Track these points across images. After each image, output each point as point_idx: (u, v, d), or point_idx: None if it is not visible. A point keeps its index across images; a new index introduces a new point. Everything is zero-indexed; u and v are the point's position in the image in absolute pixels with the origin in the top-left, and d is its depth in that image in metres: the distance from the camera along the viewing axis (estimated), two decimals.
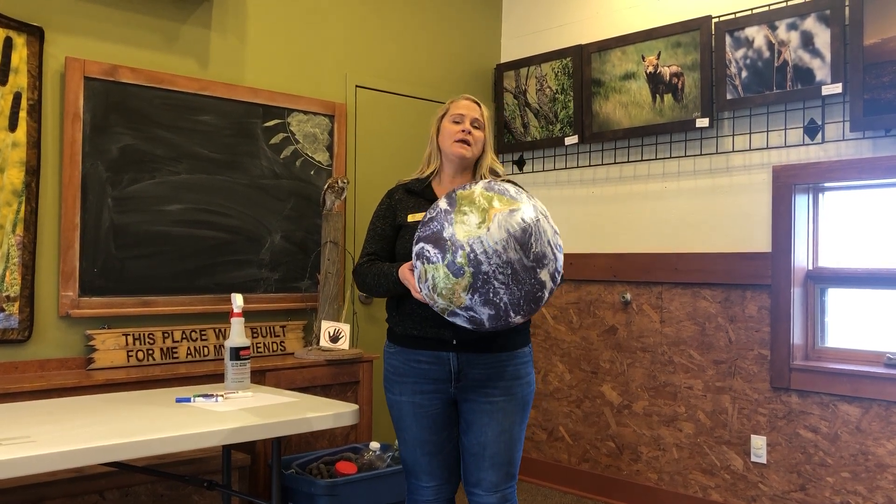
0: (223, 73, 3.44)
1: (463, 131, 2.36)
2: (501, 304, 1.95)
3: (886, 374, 3.11)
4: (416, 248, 2.04)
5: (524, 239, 1.93)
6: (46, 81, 2.94)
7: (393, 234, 2.39)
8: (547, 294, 2.01)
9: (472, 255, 1.91)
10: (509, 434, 2.27)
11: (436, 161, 2.44)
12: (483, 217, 1.94)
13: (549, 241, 1.99)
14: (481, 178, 2.34)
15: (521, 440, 2.32)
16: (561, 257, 2.04)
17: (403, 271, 2.18)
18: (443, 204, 2.03)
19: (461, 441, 2.34)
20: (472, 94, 4.40)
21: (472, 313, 1.97)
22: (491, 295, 1.93)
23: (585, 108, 4.06)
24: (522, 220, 1.95)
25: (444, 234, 1.96)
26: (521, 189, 2.09)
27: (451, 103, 2.47)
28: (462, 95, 2.50)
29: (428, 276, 1.98)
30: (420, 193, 2.40)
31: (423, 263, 2.00)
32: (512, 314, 1.97)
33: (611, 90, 3.96)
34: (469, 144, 2.37)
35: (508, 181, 2.18)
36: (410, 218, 2.33)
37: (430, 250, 1.97)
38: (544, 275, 1.98)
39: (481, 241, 1.91)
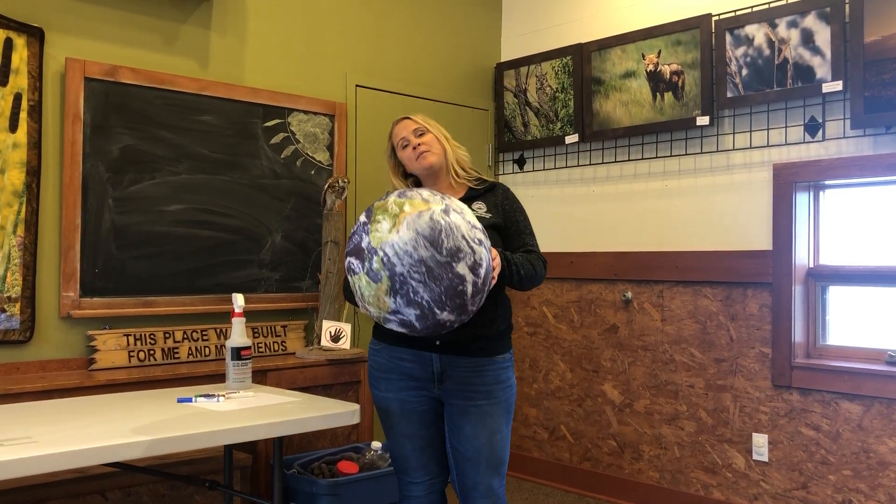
0: (223, 73, 3.44)
1: (414, 148, 2.43)
2: (424, 303, 1.98)
3: (888, 371, 3.11)
4: (344, 264, 2.10)
5: (433, 236, 1.96)
6: (47, 82, 2.94)
7: None
8: (470, 287, 2.02)
9: (385, 258, 1.96)
10: (499, 436, 2.33)
11: (408, 182, 2.51)
12: (394, 222, 2.00)
13: (463, 236, 2.00)
14: (452, 171, 2.44)
15: (508, 440, 2.39)
16: (481, 250, 2.04)
17: None
18: (362, 217, 2.09)
19: (450, 444, 2.37)
20: (473, 93, 4.45)
21: (400, 316, 2.02)
22: (412, 295, 1.97)
23: (586, 107, 4.06)
24: (431, 218, 1.98)
25: (363, 245, 2.02)
26: (435, 193, 2.11)
27: (390, 137, 2.53)
28: (393, 122, 2.54)
29: (356, 288, 2.05)
30: None
31: (350, 277, 2.06)
32: (437, 311, 2.00)
33: (611, 89, 3.95)
34: (429, 150, 2.42)
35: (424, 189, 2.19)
36: None
37: (354, 262, 2.03)
38: (461, 268, 1.99)
39: (392, 245, 1.97)
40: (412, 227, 1.97)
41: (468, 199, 2.40)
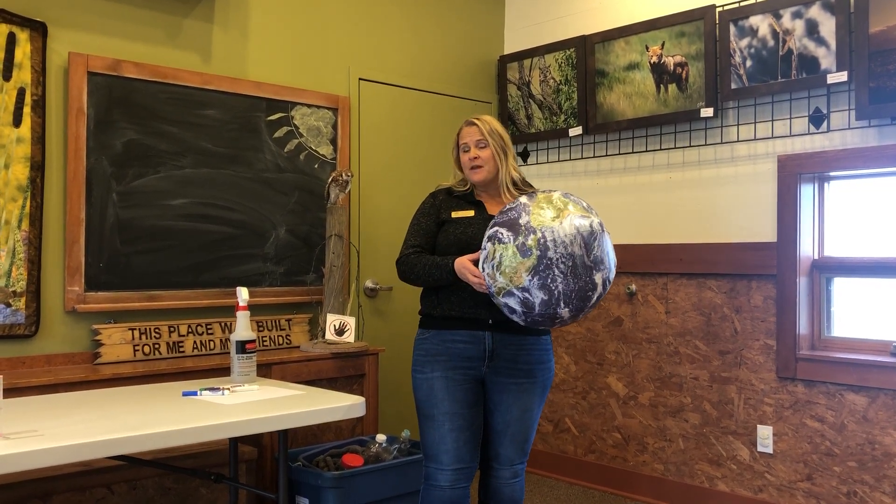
0: (226, 67, 3.43)
1: (470, 159, 2.58)
2: (555, 292, 2.16)
3: (893, 363, 3.10)
4: (489, 232, 2.28)
5: (589, 240, 2.18)
6: (50, 77, 2.95)
7: (436, 230, 2.60)
8: (595, 297, 2.23)
9: (542, 240, 2.15)
10: (530, 413, 2.52)
11: (467, 181, 2.66)
12: (558, 214, 2.20)
13: (607, 252, 2.25)
14: (505, 188, 2.58)
15: (537, 420, 2.58)
16: (614, 270, 2.28)
17: (462, 261, 2.39)
18: (523, 199, 2.29)
19: (486, 421, 2.53)
20: (476, 86, 4.44)
21: (526, 295, 2.18)
22: (549, 281, 2.15)
23: (589, 99, 4.04)
24: (591, 225, 2.20)
25: (521, 221, 2.21)
26: (592, 207, 2.32)
27: (459, 132, 2.66)
28: (465, 120, 2.66)
29: (496, 255, 2.21)
30: (462, 196, 2.63)
31: (493, 244, 2.23)
32: (562, 304, 2.18)
33: (615, 81, 3.94)
34: (481, 167, 2.56)
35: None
36: (454, 214, 2.58)
37: (504, 232, 2.21)
38: (598, 278, 2.21)
39: (553, 231, 2.16)
40: (574, 224, 2.17)
41: None
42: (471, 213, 2.56)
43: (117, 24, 3.12)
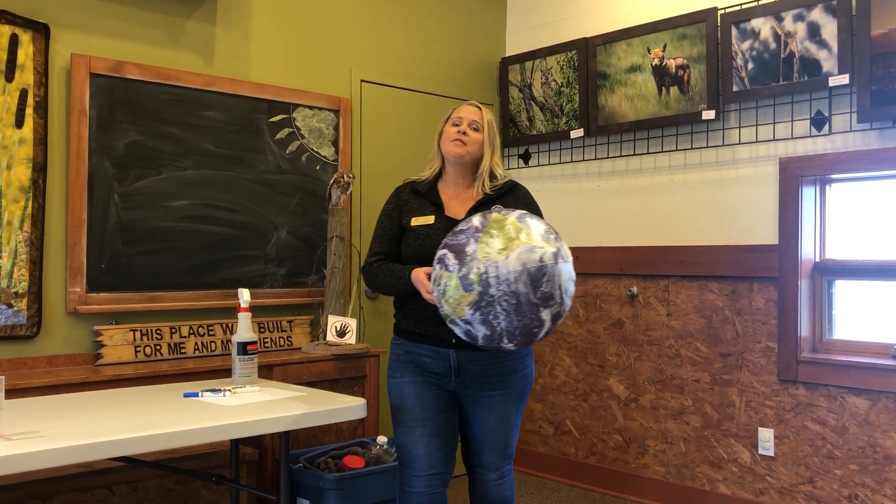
0: (228, 68, 3.44)
1: (458, 132, 2.45)
2: (498, 329, 2.06)
3: (894, 366, 3.10)
4: (440, 253, 2.16)
5: (537, 276, 2.02)
6: (52, 78, 2.95)
7: (399, 235, 2.50)
8: (543, 333, 2.11)
9: (484, 275, 2.02)
10: (507, 423, 2.45)
11: (437, 162, 2.55)
12: (506, 245, 2.04)
13: (560, 285, 2.08)
14: (481, 180, 2.47)
15: (518, 425, 2.50)
16: (569, 303, 2.14)
17: (418, 274, 2.30)
18: (476, 221, 2.15)
19: (462, 431, 2.49)
20: (478, 88, 4.44)
21: (469, 328, 2.09)
22: (491, 317, 2.04)
23: (591, 102, 4.05)
24: (541, 259, 2.04)
25: (467, 249, 2.07)
26: (552, 230, 2.17)
27: (455, 108, 2.56)
28: (467, 101, 2.59)
29: (442, 282, 2.11)
30: (425, 195, 2.51)
31: (441, 268, 2.12)
32: (505, 340, 2.09)
33: (616, 83, 3.94)
34: (465, 144, 2.45)
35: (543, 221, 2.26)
36: (414, 222, 2.46)
37: (451, 259, 2.09)
38: (546, 314, 2.07)
39: (496, 266, 2.02)
40: (521, 259, 2.02)
41: (486, 203, 2.43)
42: (431, 219, 2.44)
43: (120, 26, 3.13)
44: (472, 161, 2.48)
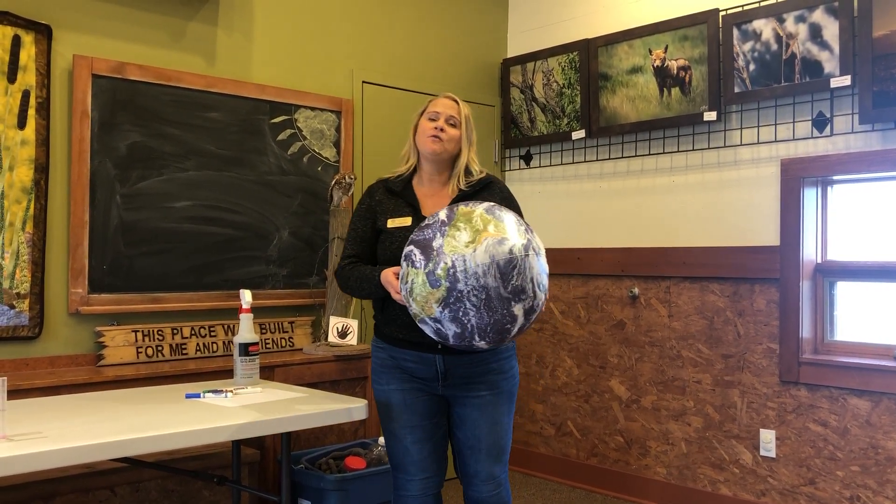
0: (230, 69, 3.44)
1: (435, 128, 2.37)
2: (468, 326, 1.98)
3: None
4: (406, 249, 2.08)
5: (506, 269, 1.94)
6: (55, 79, 2.95)
7: (373, 237, 2.41)
8: (516, 329, 2.03)
9: (451, 270, 1.95)
10: (500, 425, 2.36)
11: (413, 158, 2.48)
12: (474, 237, 1.97)
13: (532, 279, 1.99)
14: (457, 177, 2.40)
15: (511, 429, 2.42)
16: (542, 296, 2.05)
17: (386, 274, 2.22)
18: (442, 215, 2.07)
19: (454, 436, 2.41)
20: (479, 89, 4.44)
21: (439, 326, 2.02)
22: (460, 314, 1.97)
23: (592, 103, 4.05)
24: (510, 250, 1.95)
25: (434, 244, 2.00)
26: (522, 221, 2.10)
27: (430, 101, 2.47)
28: (443, 94, 2.50)
29: (409, 279, 2.04)
30: (400, 194, 2.43)
31: (408, 265, 2.05)
32: (477, 338, 2.01)
33: (618, 84, 3.95)
34: (441, 140, 2.37)
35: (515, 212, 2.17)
36: (391, 224, 2.37)
37: (417, 255, 2.02)
38: (518, 309, 1.99)
39: (464, 260, 1.94)
40: (490, 252, 1.94)
41: (462, 199, 2.36)
42: (407, 220, 2.35)
43: (122, 27, 3.13)
44: (448, 157, 2.41)
